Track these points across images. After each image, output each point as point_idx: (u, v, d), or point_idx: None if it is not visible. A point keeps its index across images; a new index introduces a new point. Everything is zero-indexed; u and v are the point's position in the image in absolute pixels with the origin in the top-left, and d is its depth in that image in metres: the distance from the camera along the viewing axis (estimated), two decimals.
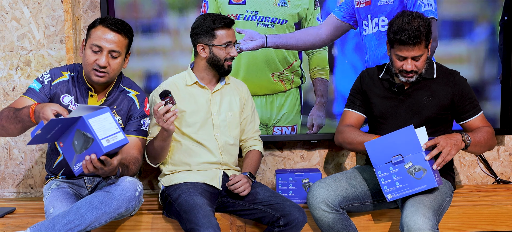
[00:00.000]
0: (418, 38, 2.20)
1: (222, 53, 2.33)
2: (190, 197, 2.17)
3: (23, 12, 2.76)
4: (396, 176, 2.16)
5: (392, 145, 2.15)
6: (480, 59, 2.78)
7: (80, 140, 1.93)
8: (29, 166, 2.84)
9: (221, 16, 2.36)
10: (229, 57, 2.34)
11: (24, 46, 2.78)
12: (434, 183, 2.13)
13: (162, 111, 2.14)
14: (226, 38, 2.32)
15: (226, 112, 2.40)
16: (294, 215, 2.18)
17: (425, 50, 2.26)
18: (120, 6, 2.68)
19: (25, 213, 2.50)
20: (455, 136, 2.20)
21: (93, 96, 2.26)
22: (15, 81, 2.79)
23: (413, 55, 2.24)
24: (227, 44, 2.32)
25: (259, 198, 2.28)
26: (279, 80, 2.76)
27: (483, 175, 2.95)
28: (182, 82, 2.40)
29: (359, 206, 2.32)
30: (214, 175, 2.36)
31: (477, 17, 2.75)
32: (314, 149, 2.91)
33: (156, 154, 2.32)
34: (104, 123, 1.93)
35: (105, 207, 2.03)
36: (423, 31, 2.21)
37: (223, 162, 2.40)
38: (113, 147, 1.93)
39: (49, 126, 1.89)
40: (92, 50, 2.17)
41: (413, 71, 2.27)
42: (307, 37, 2.74)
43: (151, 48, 2.73)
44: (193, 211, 2.09)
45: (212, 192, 2.33)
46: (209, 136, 2.38)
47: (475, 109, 2.36)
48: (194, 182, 2.32)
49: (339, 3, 2.73)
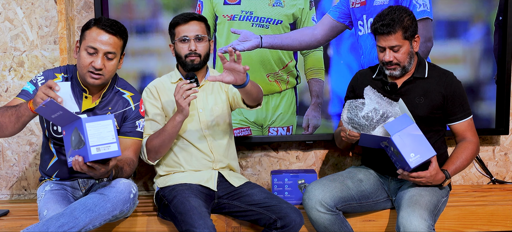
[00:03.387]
0: (392, 27, 2.23)
1: (180, 49, 2.32)
2: (185, 198, 2.16)
3: (16, 13, 2.74)
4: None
5: None
6: (475, 59, 2.78)
7: (76, 138, 1.93)
8: (22, 167, 2.82)
9: (184, 13, 2.38)
10: (189, 53, 2.31)
11: (17, 47, 2.76)
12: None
13: (186, 87, 2.16)
14: (182, 33, 2.31)
15: (212, 106, 2.40)
16: (291, 217, 2.17)
17: (405, 42, 2.27)
18: (114, 6, 2.66)
19: (19, 215, 2.49)
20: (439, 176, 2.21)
21: (87, 98, 2.25)
22: (8, 82, 2.77)
23: (390, 44, 2.26)
24: (183, 38, 2.31)
25: (255, 199, 2.26)
26: (275, 80, 2.75)
27: (478, 175, 2.96)
28: (168, 80, 2.43)
29: (355, 207, 2.32)
30: (209, 176, 2.35)
31: (472, 17, 2.76)
32: (310, 150, 2.91)
33: (161, 145, 2.28)
34: (102, 130, 1.92)
35: (99, 209, 2.01)
36: (399, 21, 2.23)
37: (216, 160, 2.38)
38: (102, 156, 1.91)
39: (50, 105, 1.88)
40: (87, 52, 2.15)
41: (394, 63, 2.29)
42: (302, 38, 2.73)
43: (145, 48, 2.72)
44: (189, 213, 2.08)
45: (208, 194, 2.32)
46: (197, 133, 2.37)
47: (464, 113, 2.35)
48: (189, 183, 2.31)
49: (334, 4, 2.73)
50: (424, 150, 2.12)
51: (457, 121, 2.35)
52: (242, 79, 2.11)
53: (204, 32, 2.35)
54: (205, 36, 2.35)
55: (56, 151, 2.28)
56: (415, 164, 2.11)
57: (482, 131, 2.81)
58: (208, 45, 2.36)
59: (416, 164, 2.11)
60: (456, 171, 2.29)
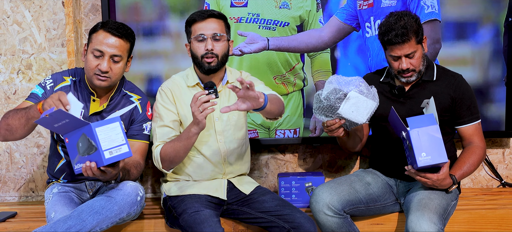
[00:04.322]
0: (406, 35, 2.20)
1: (197, 48, 2.18)
2: (195, 212, 2.09)
3: (24, 16, 2.76)
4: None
5: None
6: (485, 61, 2.75)
7: (85, 144, 1.94)
8: (30, 170, 2.84)
9: (201, 10, 2.25)
10: (205, 53, 2.16)
11: (25, 50, 2.78)
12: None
13: (204, 98, 1.98)
14: (198, 31, 2.17)
15: (229, 115, 2.26)
16: (305, 227, 2.10)
17: (418, 46, 2.25)
18: (121, 9, 2.67)
19: (27, 217, 2.50)
20: (446, 182, 2.17)
21: (95, 101, 2.25)
22: (16, 85, 2.79)
23: (405, 53, 2.23)
24: (200, 37, 2.16)
25: (267, 206, 2.19)
26: (282, 82, 2.74)
27: (488, 178, 2.93)
28: (183, 82, 2.28)
29: (362, 210, 2.30)
30: (218, 185, 2.28)
31: (481, 18, 2.73)
32: (317, 153, 2.89)
33: (175, 155, 2.14)
34: (111, 133, 1.93)
35: (106, 211, 2.02)
36: (411, 28, 2.20)
37: (227, 171, 2.32)
38: (115, 159, 1.93)
39: (57, 115, 1.88)
40: (94, 55, 2.16)
41: (411, 70, 2.26)
42: (309, 40, 2.72)
43: (152, 51, 2.72)
44: (200, 226, 2.03)
45: (217, 203, 2.26)
46: (211, 145, 2.26)
47: (472, 116, 2.32)
48: (198, 194, 2.22)
49: (342, 5, 2.72)
50: (437, 155, 2.08)
51: (464, 124, 2.32)
52: (258, 103, 1.97)
53: (223, 31, 2.20)
54: (224, 35, 2.20)
55: (64, 153, 2.29)
56: (423, 165, 2.08)
57: (492, 133, 2.79)
58: (226, 45, 2.21)
59: (424, 165, 2.08)
60: (463, 176, 2.27)
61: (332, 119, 2.16)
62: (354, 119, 2.13)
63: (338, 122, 2.16)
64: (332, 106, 2.13)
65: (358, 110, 2.12)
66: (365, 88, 2.14)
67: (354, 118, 2.13)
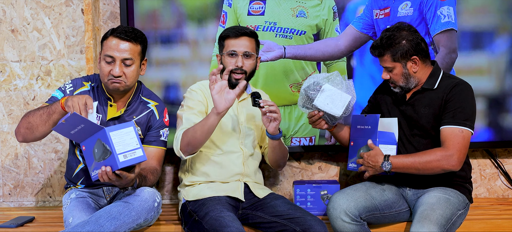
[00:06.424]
0: (377, 49, 2.27)
1: (227, 62, 2.31)
2: (218, 215, 2.12)
3: (44, 23, 2.80)
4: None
5: None
6: (501, 71, 2.75)
7: (100, 149, 1.95)
8: (48, 175, 2.86)
9: (236, 27, 2.37)
10: (235, 69, 2.28)
11: (44, 56, 2.81)
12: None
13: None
14: (231, 47, 2.31)
15: (251, 121, 2.41)
16: (316, 229, 2.14)
17: (396, 64, 2.26)
18: (139, 16, 2.70)
19: (44, 222, 2.52)
20: (377, 159, 2.22)
21: (112, 106, 2.28)
22: (35, 91, 2.82)
23: (383, 65, 2.30)
24: (231, 53, 2.30)
25: (279, 210, 2.24)
26: (298, 90, 2.75)
27: (504, 188, 2.91)
28: None
29: (378, 217, 2.30)
30: (236, 187, 2.34)
31: (497, 28, 2.73)
32: (332, 161, 2.89)
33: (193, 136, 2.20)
34: (125, 137, 1.95)
35: (124, 217, 2.03)
36: (387, 44, 2.24)
37: (245, 173, 2.38)
38: (130, 163, 1.94)
39: (72, 120, 1.90)
40: (106, 61, 2.20)
41: (391, 82, 2.32)
42: (325, 48, 2.73)
43: (170, 58, 2.74)
44: (224, 229, 2.06)
45: (234, 205, 2.30)
46: (234, 146, 2.37)
47: (453, 120, 2.19)
48: (218, 196, 2.28)
49: (358, 15, 2.73)
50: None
51: (443, 125, 2.23)
52: (274, 127, 2.24)
53: (253, 49, 2.34)
54: (254, 54, 2.34)
55: (82, 158, 2.31)
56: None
57: (507, 143, 2.77)
58: (255, 62, 2.36)
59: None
60: (404, 166, 2.21)
61: (312, 111, 2.27)
62: (330, 111, 2.24)
63: (317, 114, 2.26)
64: (309, 97, 2.25)
65: (334, 102, 2.23)
66: (340, 81, 2.24)
67: (330, 110, 2.24)
